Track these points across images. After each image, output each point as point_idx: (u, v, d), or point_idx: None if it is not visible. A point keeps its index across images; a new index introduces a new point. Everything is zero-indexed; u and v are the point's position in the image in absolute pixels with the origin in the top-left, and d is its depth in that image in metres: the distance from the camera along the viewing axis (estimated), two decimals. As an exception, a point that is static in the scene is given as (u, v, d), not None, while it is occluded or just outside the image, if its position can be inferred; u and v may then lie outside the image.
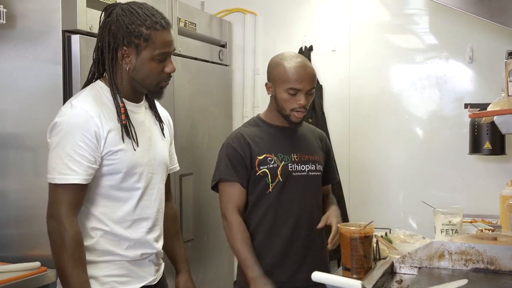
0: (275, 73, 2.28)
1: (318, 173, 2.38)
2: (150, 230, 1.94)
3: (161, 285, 2.05)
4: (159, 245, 2.00)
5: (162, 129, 2.03)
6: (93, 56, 1.92)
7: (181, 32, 3.17)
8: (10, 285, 2.07)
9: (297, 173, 2.32)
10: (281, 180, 2.28)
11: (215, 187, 2.36)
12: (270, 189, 2.27)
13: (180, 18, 3.16)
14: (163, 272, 2.08)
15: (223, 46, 3.74)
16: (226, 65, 3.77)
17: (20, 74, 2.39)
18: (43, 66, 2.35)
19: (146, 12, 1.83)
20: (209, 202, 3.47)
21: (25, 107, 2.39)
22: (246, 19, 3.86)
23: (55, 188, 1.77)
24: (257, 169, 2.27)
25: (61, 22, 2.33)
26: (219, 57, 3.64)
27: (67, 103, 1.85)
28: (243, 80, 3.87)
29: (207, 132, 3.46)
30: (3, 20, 2.32)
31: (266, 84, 2.34)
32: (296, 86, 2.23)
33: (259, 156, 2.28)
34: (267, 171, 2.27)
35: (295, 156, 2.33)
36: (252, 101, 3.84)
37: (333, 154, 2.56)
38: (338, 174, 2.63)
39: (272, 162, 2.29)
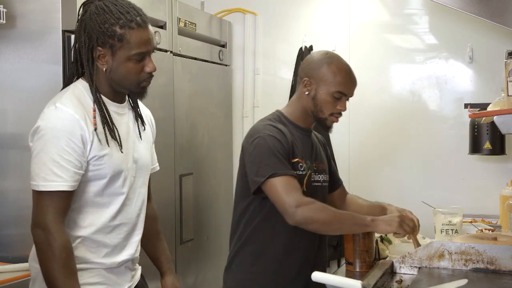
0: (323, 72, 2.08)
1: (327, 184, 2.25)
2: (128, 235, 1.86)
3: None
4: (137, 251, 1.92)
5: (143, 130, 1.93)
6: (72, 56, 1.84)
7: (181, 32, 3.17)
8: (10, 285, 2.06)
9: (316, 184, 2.15)
10: (305, 190, 2.06)
11: (258, 189, 2.00)
12: None
13: (180, 18, 3.16)
14: (142, 275, 2.01)
15: (223, 46, 3.74)
16: (226, 65, 3.77)
17: (20, 74, 2.39)
18: (43, 66, 2.35)
19: (120, 10, 1.72)
20: (209, 202, 3.48)
21: (25, 107, 2.39)
22: (246, 19, 3.86)
23: (40, 195, 1.66)
24: None
25: (61, 22, 2.33)
26: (219, 57, 3.65)
27: (50, 104, 1.74)
28: (243, 80, 3.87)
29: (207, 132, 3.46)
30: (3, 20, 2.32)
31: (304, 81, 2.12)
32: (344, 90, 2.08)
33: (293, 159, 2.05)
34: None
35: (315, 165, 2.16)
36: (252, 101, 3.84)
37: None
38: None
39: (302, 168, 2.08)
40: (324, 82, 2.09)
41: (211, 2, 3.83)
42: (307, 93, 2.12)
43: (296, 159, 2.07)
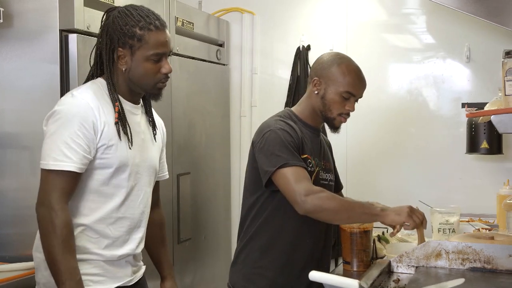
0: (332, 72, 2.12)
1: (333, 184, 2.28)
2: (131, 230, 1.93)
3: (140, 286, 2.03)
4: (139, 247, 1.97)
5: (154, 135, 2.04)
6: (90, 59, 1.95)
7: (178, 32, 3.17)
8: (7, 285, 2.06)
9: (323, 182, 2.16)
10: None
11: (269, 180, 2.02)
12: None
13: (177, 18, 3.16)
14: (144, 275, 2.06)
15: (221, 45, 3.74)
16: (224, 65, 3.77)
17: (17, 73, 2.39)
18: (40, 66, 2.35)
19: (140, 14, 1.86)
20: (207, 202, 3.48)
21: (23, 106, 2.39)
22: (243, 19, 3.86)
23: (48, 174, 1.76)
24: None
25: (58, 21, 2.33)
26: (216, 56, 3.65)
27: (68, 93, 1.86)
28: (241, 79, 3.87)
29: (205, 131, 3.46)
30: (1, 19, 2.32)
31: (313, 80, 2.15)
32: (353, 91, 2.12)
33: (302, 155, 2.08)
34: None
35: (322, 163, 2.20)
36: (249, 100, 3.84)
37: None
38: None
39: (311, 165, 2.10)
40: (333, 82, 2.12)
41: (209, 1, 3.83)
42: (316, 92, 2.15)
43: (305, 155, 2.10)
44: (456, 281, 1.77)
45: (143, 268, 2.07)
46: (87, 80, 1.94)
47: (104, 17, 1.91)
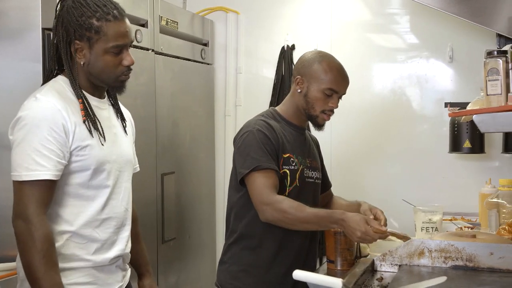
0: (314, 70, 2.14)
1: (320, 182, 2.30)
2: (118, 230, 1.86)
3: None
4: (127, 246, 1.91)
5: (125, 127, 1.94)
6: (49, 52, 1.86)
7: (163, 31, 3.16)
8: (-11, 286, 2.04)
9: (309, 180, 2.19)
10: (298, 185, 2.13)
11: (241, 180, 2.08)
12: (286, 193, 2.09)
13: (162, 17, 3.14)
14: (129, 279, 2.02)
15: (205, 44, 3.73)
16: (208, 64, 3.76)
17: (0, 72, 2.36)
18: (23, 64, 2.33)
19: (97, 3, 1.74)
20: (191, 201, 3.47)
21: (4, 105, 2.36)
22: (228, 18, 3.85)
23: (21, 186, 1.65)
24: (280, 167, 2.09)
25: (41, 19, 2.31)
26: (201, 55, 3.64)
27: (31, 97, 1.74)
28: (225, 79, 3.86)
29: (189, 130, 3.45)
30: (-18, 17, 2.29)
31: (296, 79, 2.17)
32: (335, 87, 2.13)
33: (284, 154, 2.10)
34: (288, 172, 2.10)
35: (307, 161, 2.20)
36: (234, 99, 3.84)
37: None
38: None
39: (294, 163, 2.12)
40: (315, 80, 2.14)
41: (193, 0, 3.82)
42: (299, 90, 2.17)
43: (287, 154, 2.12)
44: (438, 279, 1.79)
45: (129, 271, 2.01)
46: (48, 76, 1.84)
47: (58, 7, 1.78)
